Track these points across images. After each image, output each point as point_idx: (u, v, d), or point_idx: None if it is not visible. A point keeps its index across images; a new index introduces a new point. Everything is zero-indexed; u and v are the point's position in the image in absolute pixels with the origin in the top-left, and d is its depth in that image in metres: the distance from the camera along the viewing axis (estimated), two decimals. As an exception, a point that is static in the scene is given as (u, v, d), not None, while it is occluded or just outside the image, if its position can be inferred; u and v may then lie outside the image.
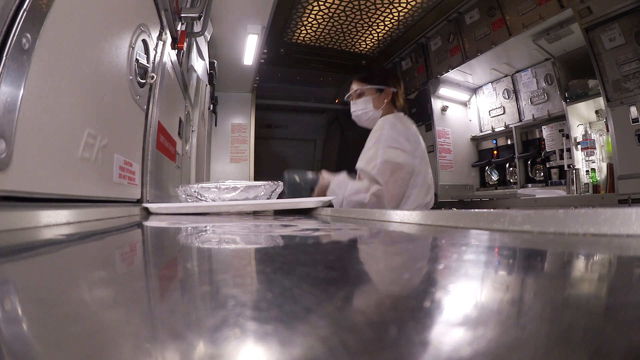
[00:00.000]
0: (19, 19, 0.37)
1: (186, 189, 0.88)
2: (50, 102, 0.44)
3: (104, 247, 0.31)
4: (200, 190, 0.86)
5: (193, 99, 1.63)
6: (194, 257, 0.26)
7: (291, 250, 0.29)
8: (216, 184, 0.87)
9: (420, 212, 0.44)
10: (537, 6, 2.01)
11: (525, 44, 2.18)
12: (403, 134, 1.16)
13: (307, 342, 0.09)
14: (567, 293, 0.14)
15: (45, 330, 0.10)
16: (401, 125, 1.19)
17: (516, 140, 2.51)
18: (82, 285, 0.16)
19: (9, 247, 0.26)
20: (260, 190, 0.88)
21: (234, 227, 0.48)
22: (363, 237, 0.37)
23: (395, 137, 1.14)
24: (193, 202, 0.85)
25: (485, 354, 0.08)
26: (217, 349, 0.08)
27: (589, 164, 2.05)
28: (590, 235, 0.26)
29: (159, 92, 0.92)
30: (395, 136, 1.14)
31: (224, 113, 3.01)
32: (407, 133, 1.18)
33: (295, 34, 2.89)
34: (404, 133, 1.17)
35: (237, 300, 0.13)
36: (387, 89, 1.27)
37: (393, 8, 2.53)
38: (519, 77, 2.47)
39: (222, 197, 0.86)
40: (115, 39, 0.65)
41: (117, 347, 0.09)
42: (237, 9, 1.80)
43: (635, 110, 1.64)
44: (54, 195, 0.46)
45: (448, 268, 0.19)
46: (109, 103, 0.64)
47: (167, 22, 0.96)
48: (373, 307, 0.13)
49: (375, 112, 1.26)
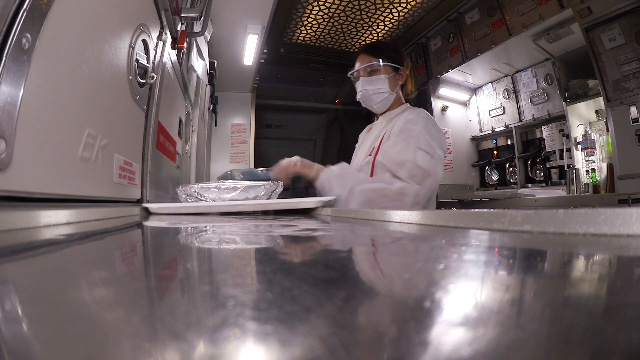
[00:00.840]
0: (19, 19, 0.37)
1: (186, 189, 0.88)
2: (50, 102, 0.44)
3: (104, 247, 0.31)
4: (200, 190, 0.86)
5: (193, 99, 1.63)
6: (194, 257, 0.26)
7: (290, 249, 0.29)
8: (216, 184, 0.88)
9: (420, 212, 0.44)
10: (537, 6, 2.01)
11: (525, 44, 2.18)
12: (437, 139, 1.03)
13: (306, 341, 0.09)
14: (567, 293, 0.14)
15: (45, 330, 0.10)
16: (435, 129, 1.05)
17: (516, 140, 2.52)
18: (82, 285, 0.16)
19: (9, 247, 0.26)
20: (260, 190, 0.88)
21: (233, 227, 0.48)
22: (363, 237, 0.37)
23: (429, 141, 1.00)
24: (193, 202, 0.85)
25: (485, 354, 0.08)
26: (217, 349, 0.08)
27: (589, 164, 2.05)
28: (590, 235, 0.26)
29: (159, 92, 0.92)
30: (429, 139, 1.00)
31: (224, 113, 3.01)
32: (441, 138, 1.05)
33: (295, 34, 2.89)
34: (438, 138, 1.03)
35: (236, 300, 0.13)
36: (403, 69, 1.11)
37: (393, 8, 2.53)
38: (519, 77, 2.47)
39: (222, 197, 0.86)
40: (115, 39, 0.65)
41: (117, 347, 0.09)
42: (237, 9, 1.80)
43: (635, 110, 1.64)
44: (54, 195, 0.46)
45: (448, 268, 0.19)
46: (109, 103, 0.64)
47: (167, 22, 0.96)
48: (372, 307, 0.13)
49: (389, 95, 1.10)
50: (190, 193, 0.87)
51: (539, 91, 2.35)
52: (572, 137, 2.08)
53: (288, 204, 0.86)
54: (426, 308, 0.12)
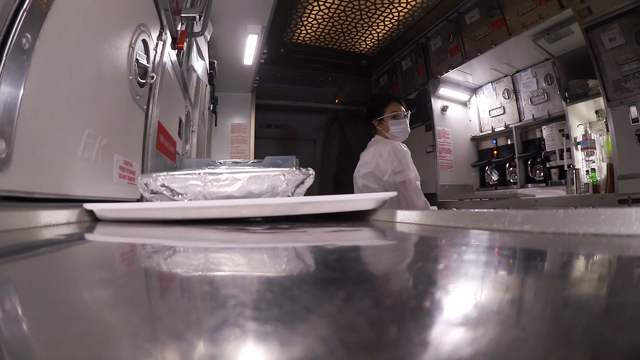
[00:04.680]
0: (19, 19, 0.37)
1: (149, 181, 0.53)
2: (50, 102, 0.44)
3: (104, 246, 0.31)
4: (170, 182, 0.53)
5: (193, 99, 1.63)
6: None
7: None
8: (199, 171, 0.54)
9: (420, 212, 0.44)
10: (537, 6, 2.01)
11: (525, 44, 2.18)
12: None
13: (307, 342, 0.09)
14: (567, 293, 0.14)
15: (45, 330, 0.10)
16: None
17: (516, 140, 2.51)
18: (82, 285, 0.16)
19: (9, 247, 0.26)
20: (278, 180, 0.54)
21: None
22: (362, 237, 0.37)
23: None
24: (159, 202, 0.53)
25: (485, 354, 0.08)
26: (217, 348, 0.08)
27: (589, 164, 2.05)
28: (590, 235, 0.26)
29: (159, 92, 0.92)
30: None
31: (224, 113, 3.01)
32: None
33: (295, 34, 2.89)
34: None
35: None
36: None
37: (393, 8, 2.53)
38: (519, 77, 2.47)
39: (210, 193, 0.53)
40: (115, 39, 0.65)
41: (117, 346, 0.09)
42: (237, 9, 1.80)
43: (635, 110, 1.64)
44: (54, 195, 0.46)
45: (448, 268, 0.19)
46: (109, 103, 0.64)
47: (167, 22, 0.96)
48: (372, 306, 0.13)
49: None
50: (156, 188, 0.53)
51: (539, 91, 2.35)
52: (572, 137, 2.08)
53: (327, 203, 0.51)
54: (426, 308, 0.12)
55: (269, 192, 0.54)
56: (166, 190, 0.53)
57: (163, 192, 0.53)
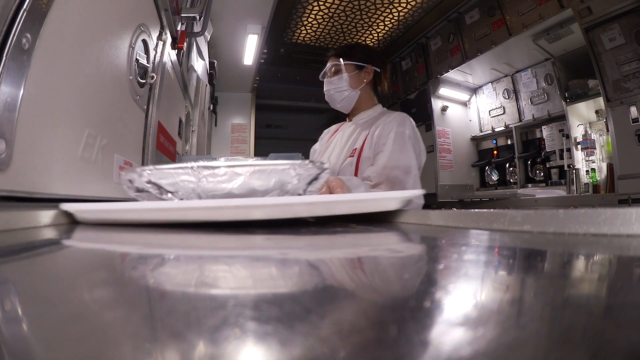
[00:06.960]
0: (19, 19, 0.37)
1: (133, 176, 0.44)
2: (50, 102, 0.44)
3: (104, 246, 0.31)
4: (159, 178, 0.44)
5: (193, 99, 1.63)
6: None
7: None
8: (192, 165, 0.44)
9: (420, 211, 0.44)
10: (537, 6, 2.01)
11: (525, 44, 2.18)
12: (421, 141, 1.05)
13: (307, 342, 0.09)
14: (567, 293, 0.14)
15: (45, 330, 0.10)
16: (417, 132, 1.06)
17: (516, 140, 2.51)
18: (82, 285, 0.16)
19: (9, 247, 0.26)
20: (287, 175, 0.45)
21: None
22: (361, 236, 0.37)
23: (418, 145, 1.03)
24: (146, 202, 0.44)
25: (485, 354, 0.08)
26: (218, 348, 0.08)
27: (589, 164, 2.05)
28: (590, 235, 0.26)
29: (159, 92, 0.92)
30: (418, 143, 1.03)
31: (224, 113, 3.01)
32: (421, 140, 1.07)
33: (295, 34, 2.89)
34: (421, 140, 1.05)
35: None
36: (368, 66, 1.10)
37: (393, 8, 2.53)
38: (519, 77, 2.47)
39: (205, 190, 0.44)
40: (115, 39, 0.65)
41: (116, 347, 0.09)
42: (237, 9, 1.80)
43: (635, 110, 1.64)
44: (54, 195, 0.46)
45: (448, 268, 0.19)
46: (109, 103, 0.64)
47: (167, 22, 0.96)
48: (371, 306, 0.13)
49: (352, 93, 1.11)
50: (141, 186, 0.44)
51: (539, 91, 2.35)
52: (572, 137, 2.08)
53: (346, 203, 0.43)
54: (426, 308, 0.12)
55: (276, 189, 0.44)
56: (153, 188, 0.44)
57: (150, 190, 0.44)
